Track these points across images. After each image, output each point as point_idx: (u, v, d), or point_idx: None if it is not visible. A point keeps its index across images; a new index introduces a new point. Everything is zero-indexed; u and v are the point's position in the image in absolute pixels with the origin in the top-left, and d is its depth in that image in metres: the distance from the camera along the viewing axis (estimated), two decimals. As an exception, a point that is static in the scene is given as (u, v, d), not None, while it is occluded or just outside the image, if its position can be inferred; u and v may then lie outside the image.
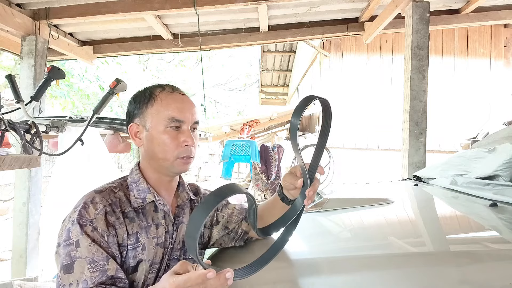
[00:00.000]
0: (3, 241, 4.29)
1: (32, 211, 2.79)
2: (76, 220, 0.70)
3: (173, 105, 0.80)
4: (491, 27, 5.01)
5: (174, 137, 0.79)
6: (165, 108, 0.80)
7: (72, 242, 0.69)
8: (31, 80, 2.81)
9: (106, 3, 2.76)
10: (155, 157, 0.81)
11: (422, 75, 2.40)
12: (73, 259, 0.67)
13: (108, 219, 0.73)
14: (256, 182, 5.28)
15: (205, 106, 3.19)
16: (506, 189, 1.05)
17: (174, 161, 0.80)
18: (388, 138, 4.87)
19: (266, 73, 8.59)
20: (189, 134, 0.80)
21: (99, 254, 0.68)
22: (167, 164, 0.80)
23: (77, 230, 0.69)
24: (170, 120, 0.79)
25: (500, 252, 0.71)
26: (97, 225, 0.71)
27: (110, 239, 0.71)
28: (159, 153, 0.80)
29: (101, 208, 0.73)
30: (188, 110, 0.82)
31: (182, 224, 0.86)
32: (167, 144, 0.79)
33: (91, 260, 0.67)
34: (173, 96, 0.82)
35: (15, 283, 2.24)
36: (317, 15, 3.29)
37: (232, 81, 17.19)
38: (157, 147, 0.80)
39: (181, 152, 0.80)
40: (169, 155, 0.79)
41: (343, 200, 1.27)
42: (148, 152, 0.82)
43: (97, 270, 0.66)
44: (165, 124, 0.79)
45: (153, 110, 0.80)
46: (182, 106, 0.81)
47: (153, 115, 0.80)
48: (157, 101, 0.81)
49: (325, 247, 0.83)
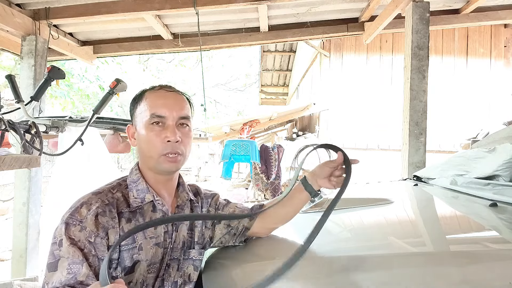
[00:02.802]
0: (3, 241, 4.28)
1: (32, 211, 2.79)
2: (66, 220, 0.71)
3: (155, 102, 0.81)
4: (491, 27, 5.01)
5: (157, 134, 0.80)
6: (148, 106, 0.81)
7: (56, 241, 0.69)
8: (31, 80, 2.81)
9: (106, 3, 2.76)
10: (143, 155, 0.82)
11: (422, 75, 2.40)
12: (56, 257, 0.67)
13: (99, 220, 0.72)
14: (256, 182, 5.28)
15: (205, 106, 3.19)
16: (506, 189, 1.05)
17: (159, 158, 0.80)
18: (388, 138, 4.87)
19: (266, 73, 8.59)
20: (172, 129, 0.80)
21: (76, 257, 0.67)
22: (153, 162, 0.81)
23: (62, 229, 0.70)
24: (152, 116, 0.80)
25: (500, 252, 0.71)
26: (86, 225, 0.71)
27: (98, 240, 0.71)
28: (146, 150, 0.81)
29: (93, 209, 0.73)
30: (171, 106, 0.81)
31: (182, 224, 0.86)
32: (151, 141, 0.80)
33: (70, 261, 0.67)
34: (157, 93, 0.83)
35: (15, 283, 2.24)
36: (317, 15, 3.29)
37: (232, 81, 17.18)
38: (143, 145, 0.81)
39: (164, 148, 0.79)
40: (153, 152, 0.80)
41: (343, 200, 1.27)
42: (139, 151, 0.84)
43: (72, 272, 0.66)
44: (148, 121, 0.80)
45: (139, 109, 0.83)
46: (164, 102, 0.82)
47: (139, 114, 0.82)
48: (143, 101, 0.82)
49: (325, 247, 0.83)
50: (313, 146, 0.88)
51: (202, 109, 3.21)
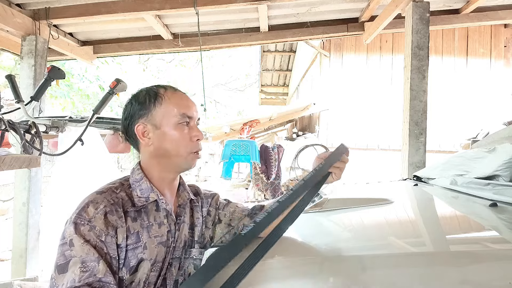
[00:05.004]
0: (3, 241, 4.29)
1: (32, 211, 2.79)
2: (74, 220, 0.71)
3: (181, 103, 0.84)
4: (491, 27, 5.01)
5: (185, 133, 0.83)
6: (175, 106, 0.83)
7: (66, 242, 0.69)
8: (31, 80, 2.81)
9: (106, 3, 2.76)
10: (167, 154, 0.83)
11: (422, 75, 2.40)
12: (67, 258, 0.67)
13: (108, 219, 0.73)
14: (256, 182, 5.28)
15: (205, 106, 3.19)
16: (506, 189, 1.05)
17: (188, 156, 0.83)
18: (388, 138, 4.88)
19: (266, 73, 8.59)
20: (198, 129, 0.85)
21: (91, 255, 0.67)
22: (180, 160, 0.83)
23: (71, 229, 0.70)
24: (182, 116, 0.82)
25: (500, 252, 0.71)
26: (95, 225, 0.71)
27: (108, 239, 0.71)
28: (172, 149, 0.82)
29: (101, 208, 0.73)
30: (194, 107, 0.86)
31: (183, 224, 0.87)
32: (180, 139, 0.82)
33: (83, 259, 0.67)
34: (179, 95, 0.86)
35: (15, 283, 2.24)
36: (317, 15, 3.29)
37: (232, 81, 17.18)
38: (170, 144, 0.82)
39: (193, 147, 0.84)
40: (182, 151, 0.82)
41: (343, 200, 1.27)
42: (159, 150, 0.83)
43: (87, 270, 0.66)
44: (176, 120, 0.82)
45: (162, 108, 0.82)
46: (188, 103, 0.85)
47: (163, 113, 0.82)
48: (166, 100, 0.83)
49: (324, 247, 0.83)
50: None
51: (202, 109, 3.21)
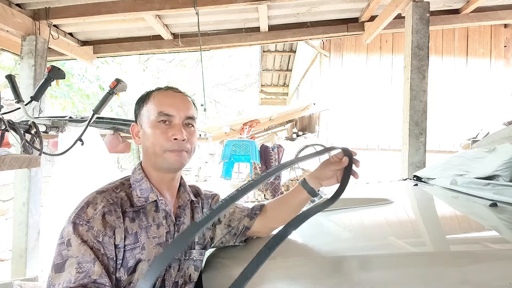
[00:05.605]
0: (3, 241, 4.29)
1: (32, 211, 2.79)
2: (72, 220, 0.71)
3: (163, 101, 0.83)
4: (491, 27, 5.01)
5: (163, 131, 0.81)
6: (156, 104, 0.83)
7: (64, 241, 0.69)
8: (31, 80, 2.81)
9: (106, 3, 2.75)
10: (148, 152, 0.83)
11: (422, 75, 2.40)
12: (64, 258, 0.67)
13: (106, 219, 0.73)
14: (256, 182, 5.27)
15: (205, 106, 3.19)
16: (506, 189, 1.05)
17: (164, 154, 0.81)
18: (388, 138, 4.88)
19: (266, 73, 8.59)
20: (178, 128, 0.81)
21: (87, 256, 0.67)
22: (157, 158, 0.82)
23: (69, 229, 0.70)
24: (159, 114, 0.81)
25: (500, 252, 0.71)
26: (93, 225, 0.71)
27: (106, 239, 0.71)
28: (150, 147, 0.82)
29: (100, 209, 0.73)
30: (179, 105, 0.84)
31: (183, 225, 0.87)
32: (156, 137, 0.81)
33: (79, 260, 0.67)
34: (164, 93, 0.86)
35: (15, 283, 2.24)
36: (317, 15, 3.29)
37: (232, 81, 17.17)
38: (148, 142, 0.82)
39: (170, 146, 0.81)
40: (157, 149, 0.81)
41: (343, 200, 1.27)
42: (143, 149, 0.85)
43: (83, 271, 0.66)
44: (154, 119, 0.82)
45: (146, 108, 0.84)
46: (172, 101, 0.84)
47: (145, 113, 0.84)
48: (150, 100, 0.84)
49: (324, 247, 0.83)
50: (321, 148, 0.90)
51: (202, 109, 3.21)
